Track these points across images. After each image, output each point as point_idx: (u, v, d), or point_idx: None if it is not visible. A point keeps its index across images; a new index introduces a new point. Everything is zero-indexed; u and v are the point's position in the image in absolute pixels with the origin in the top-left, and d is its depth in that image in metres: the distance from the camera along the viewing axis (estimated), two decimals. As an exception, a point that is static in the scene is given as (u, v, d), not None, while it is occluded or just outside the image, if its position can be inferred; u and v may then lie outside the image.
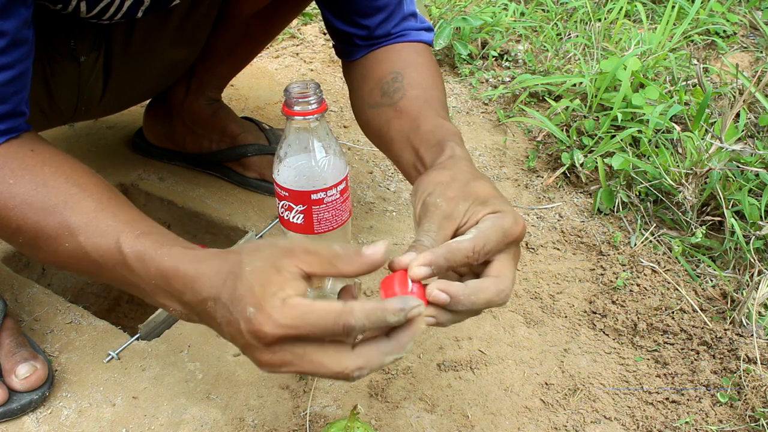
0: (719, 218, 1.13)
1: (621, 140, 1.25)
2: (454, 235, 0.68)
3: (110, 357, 0.95)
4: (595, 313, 1.03)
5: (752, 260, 1.04)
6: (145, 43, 1.07)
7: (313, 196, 0.81)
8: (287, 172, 0.82)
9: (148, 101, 1.30)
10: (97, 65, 1.04)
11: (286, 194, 0.82)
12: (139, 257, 0.68)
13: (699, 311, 1.01)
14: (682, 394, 0.91)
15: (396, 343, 0.60)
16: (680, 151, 1.21)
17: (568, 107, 1.36)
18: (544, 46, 1.65)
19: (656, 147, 1.22)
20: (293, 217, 0.83)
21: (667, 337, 0.99)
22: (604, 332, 1.01)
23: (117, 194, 0.77)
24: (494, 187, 0.72)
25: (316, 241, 0.64)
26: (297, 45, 1.75)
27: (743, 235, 1.06)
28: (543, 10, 1.80)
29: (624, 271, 1.09)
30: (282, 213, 0.84)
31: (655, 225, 1.17)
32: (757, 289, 1.00)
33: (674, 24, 1.57)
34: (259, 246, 0.64)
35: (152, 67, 1.12)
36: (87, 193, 0.73)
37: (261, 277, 0.60)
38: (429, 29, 1.00)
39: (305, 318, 0.58)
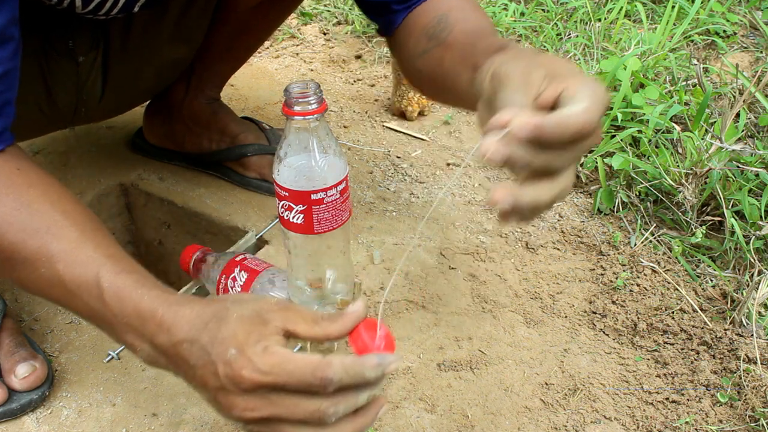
0: (719, 218, 1.13)
1: (621, 140, 1.25)
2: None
3: (110, 357, 0.95)
4: (595, 313, 1.03)
5: (752, 260, 1.04)
6: (142, 41, 1.06)
7: (313, 196, 0.81)
8: (287, 172, 0.82)
9: (147, 101, 1.30)
10: (96, 65, 1.04)
11: (286, 194, 0.82)
12: (117, 294, 0.67)
13: (699, 311, 1.01)
14: (682, 394, 0.91)
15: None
16: (680, 151, 1.21)
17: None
18: (544, 46, 1.65)
19: (656, 147, 1.22)
20: (293, 217, 0.83)
21: (667, 337, 0.99)
22: (604, 332, 1.01)
23: (101, 226, 0.75)
24: (567, 60, 0.68)
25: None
26: (297, 45, 1.75)
27: (743, 235, 1.06)
28: (543, 10, 1.80)
29: (624, 271, 1.09)
30: (282, 213, 0.85)
31: (655, 225, 1.17)
32: (757, 289, 1.00)
33: (674, 24, 1.57)
34: (245, 297, 0.65)
35: (151, 65, 1.12)
36: (71, 221, 0.71)
37: (247, 324, 0.61)
38: None
39: (284, 366, 0.58)
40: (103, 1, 0.87)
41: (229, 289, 0.95)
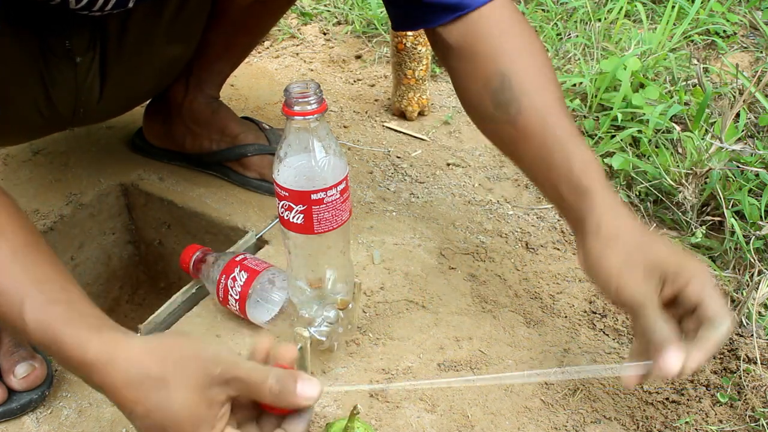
0: (719, 218, 1.13)
1: (621, 140, 1.25)
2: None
3: (110, 357, 0.95)
4: (595, 313, 1.03)
5: (752, 260, 1.04)
6: (140, 40, 1.06)
7: (313, 196, 0.82)
8: (287, 172, 0.82)
9: (147, 102, 1.30)
10: (94, 65, 1.03)
11: (286, 194, 0.82)
12: (43, 329, 0.63)
13: (699, 311, 1.01)
14: (682, 394, 0.91)
15: None
16: (680, 151, 1.21)
17: (568, 107, 1.36)
18: (544, 46, 1.64)
19: (656, 147, 1.22)
20: (293, 217, 0.83)
21: (667, 337, 0.99)
22: (604, 332, 1.01)
23: (37, 242, 0.69)
24: (666, 241, 0.78)
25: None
26: (297, 45, 1.75)
27: (743, 235, 1.06)
28: (543, 10, 1.80)
29: (624, 271, 1.08)
30: (282, 213, 0.85)
31: (655, 225, 1.16)
32: (757, 289, 1.00)
33: (674, 24, 1.57)
34: (184, 361, 0.61)
35: (148, 65, 1.12)
36: (3, 240, 0.65)
37: (191, 414, 0.60)
38: None
39: None
40: None
41: (229, 289, 0.95)
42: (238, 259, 0.97)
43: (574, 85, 1.44)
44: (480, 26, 0.85)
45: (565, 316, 1.03)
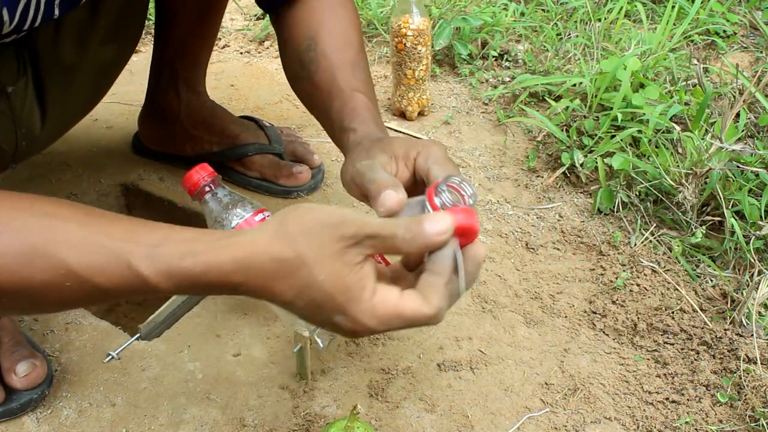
0: (719, 218, 1.13)
1: (621, 140, 1.25)
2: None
3: (110, 357, 0.95)
4: (595, 313, 1.03)
5: (752, 260, 1.04)
6: (74, 50, 0.96)
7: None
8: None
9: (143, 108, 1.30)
10: (29, 92, 0.91)
11: None
12: (165, 275, 0.60)
13: (699, 311, 1.01)
14: (682, 394, 0.91)
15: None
16: (680, 151, 1.21)
17: (568, 107, 1.36)
18: (544, 46, 1.65)
19: (656, 147, 1.22)
20: None
21: (667, 337, 0.99)
22: (604, 332, 1.01)
23: (92, 210, 0.65)
24: (400, 138, 0.78)
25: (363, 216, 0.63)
26: (297, 45, 1.75)
27: (743, 235, 1.06)
28: (543, 10, 1.80)
29: (624, 271, 1.08)
30: None
31: (655, 225, 1.16)
32: (757, 289, 1.00)
33: (674, 24, 1.57)
34: (313, 234, 0.59)
35: (86, 74, 1.02)
36: (63, 219, 0.61)
37: (337, 283, 0.59)
38: None
39: (394, 322, 0.60)
40: (27, 10, 0.76)
41: None
42: (257, 219, 0.93)
43: (574, 85, 1.44)
44: (305, 4, 0.98)
45: (565, 316, 1.03)
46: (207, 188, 0.95)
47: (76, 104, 1.06)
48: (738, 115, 1.24)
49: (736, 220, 1.08)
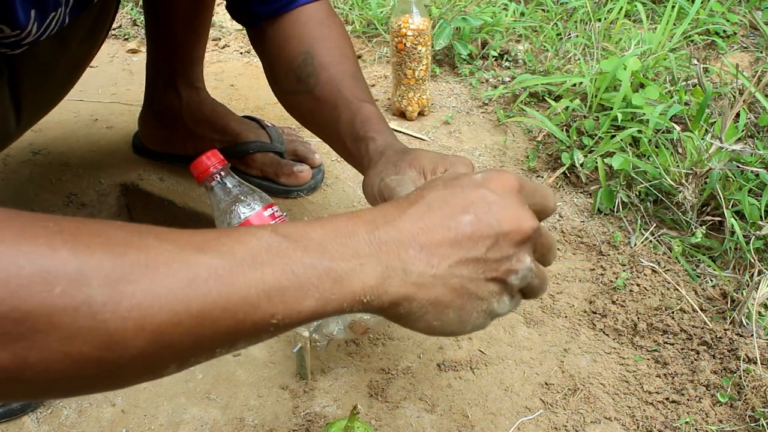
0: (719, 218, 1.13)
1: (621, 140, 1.25)
2: None
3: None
4: (595, 313, 1.03)
5: (752, 260, 1.04)
6: (54, 48, 0.93)
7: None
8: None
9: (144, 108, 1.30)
10: (4, 94, 0.88)
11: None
12: (291, 235, 0.49)
13: (699, 311, 1.01)
14: (682, 394, 0.91)
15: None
16: (680, 151, 1.21)
17: (568, 107, 1.36)
18: (544, 46, 1.65)
19: (656, 147, 1.22)
20: None
21: (667, 337, 0.99)
22: (604, 332, 1.01)
23: (155, 227, 0.50)
24: (427, 151, 0.76)
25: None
26: (297, 45, 1.75)
27: (743, 235, 1.06)
28: (543, 10, 1.80)
29: (624, 271, 1.09)
30: None
31: (655, 225, 1.17)
32: (757, 289, 1.00)
33: (674, 24, 1.57)
34: (450, 182, 0.56)
35: (61, 71, 1.02)
36: (153, 237, 0.47)
37: (479, 185, 0.55)
38: None
39: (527, 184, 0.57)
40: (50, 22, 0.77)
41: None
42: (266, 214, 0.91)
43: (574, 85, 1.44)
44: (294, 19, 0.98)
45: (565, 316, 1.03)
46: (216, 176, 0.93)
47: (48, 100, 1.05)
48: (738, 115, 1.24)
49: (736, 220, 1.08)
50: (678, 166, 1.16)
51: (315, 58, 0.94)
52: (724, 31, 1.71)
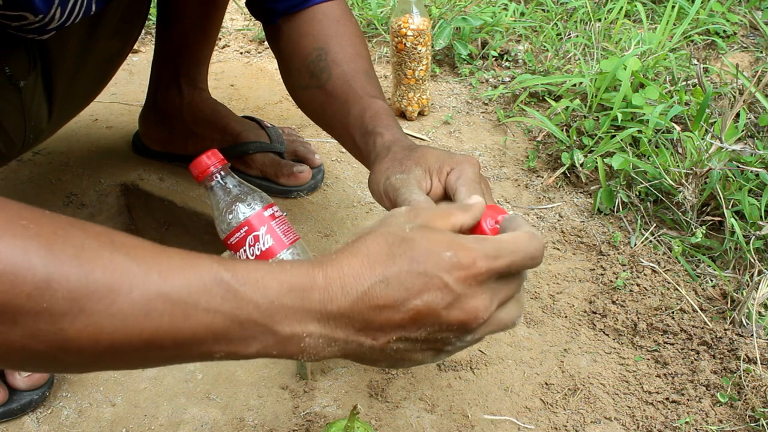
0: (719, 218, 1.13)
1: (621, 140, 1.25)
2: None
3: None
4: (595, 313, 1.03)
5: (752, 260, 1.04)
6: (84, 42, 0.97)
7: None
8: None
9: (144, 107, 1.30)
10: (38, 86, 0.93)
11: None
12: (250, 282, 0.53)
13: (699, 311, 1.01)
14: (682, 394, 0.91)
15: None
16: (680, 151, 1.21)
17: (568, 107, 1.36)
18: (544, 46, 1.65)
19: (656, 147, 1.22)
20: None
21: (667, 337, 0.99)
22: (604, 332, 1.01)
23: (129, 239, 0.54)
24: (434, 149, 0.77)
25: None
26: (297, 45, 1.75)
27: (743, 235, 1.06)
28: (543, 10, 1.80)
29: (624, 271, 1.09)
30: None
31: (655, 225, 1.17)
32: (757, 289, 1.00)
33: (674, 24, 1.57)
34: (396, 221, 0.58)
35: (93, 66, 1.04)
36: (125, 246, 0.52)
37: (436, 234, 0.56)
38: None
39: (507, 246, 0.56)
40: (74, 7, 0.79)
41: (246, 244, 0.89)
42: (266, 214, 0.90)
43: (574, 85, 1.44)
44: (310, 16, 0.99)
45: (565, 316, 1.03)
46: (216, 176, 0.92)
47: (80, 97, 1.08)
48: (738, 115, 1.24)
49: (736, 220, 1.08)
50: (678, 166, 1.16)
51: (329, 55, 0.95)
52: (724, 31, 1.71)
